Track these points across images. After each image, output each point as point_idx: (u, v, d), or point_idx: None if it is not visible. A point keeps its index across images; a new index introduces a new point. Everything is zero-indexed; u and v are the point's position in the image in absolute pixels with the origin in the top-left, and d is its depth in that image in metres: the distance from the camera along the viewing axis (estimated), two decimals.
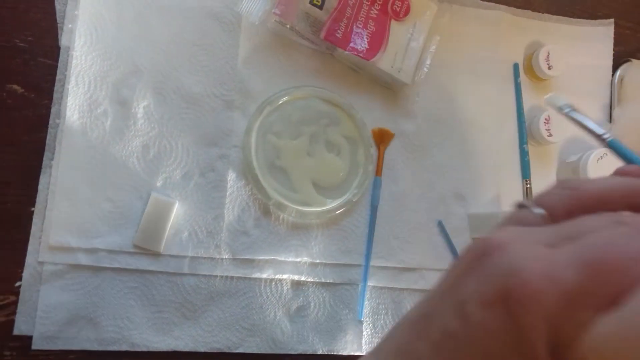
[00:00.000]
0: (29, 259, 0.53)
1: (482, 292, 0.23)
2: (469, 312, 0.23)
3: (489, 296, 0.22)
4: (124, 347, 0.54)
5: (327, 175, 0.61)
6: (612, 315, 0.20)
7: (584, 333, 0.21)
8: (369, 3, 0.60)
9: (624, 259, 0.21)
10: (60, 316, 0.53)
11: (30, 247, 0.53)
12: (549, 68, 0.67)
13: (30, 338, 0.52)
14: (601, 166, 0.63)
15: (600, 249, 0.22)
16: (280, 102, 0.60)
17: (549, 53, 0.67)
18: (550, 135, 0.66)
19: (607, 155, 0.63)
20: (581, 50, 0.71)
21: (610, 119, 0.70)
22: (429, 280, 0.62)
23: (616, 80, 0.71)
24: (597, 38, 0.72)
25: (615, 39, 0.73)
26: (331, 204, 0.60)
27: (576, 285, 0.21)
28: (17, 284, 0.53)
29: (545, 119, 0.66)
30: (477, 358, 0.23)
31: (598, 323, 0.21)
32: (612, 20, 0.73)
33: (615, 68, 0.72)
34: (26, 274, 0.53)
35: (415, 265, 0.62)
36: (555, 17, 0.71)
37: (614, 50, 0.72)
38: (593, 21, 0.72)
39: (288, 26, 0.59)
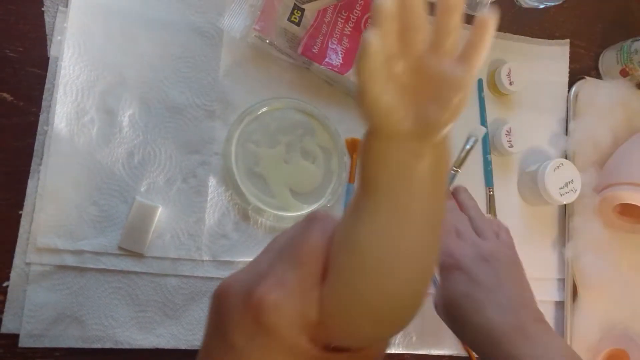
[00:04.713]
0: (17, 260, 0.55)
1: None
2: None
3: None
4: (108, 345, 0.56)
5: (303, 182, 0.64)
6: (325, 285, 0.28)
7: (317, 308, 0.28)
8: (343, 21, 0.64)
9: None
10: (47, 315, 0.55)
11: (18, 249, 0.55)
12: (511, 84, 0.70)
13: (17, 336, 0.54)
14: (557, 175, 0.67)
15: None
16: (259, 113, 0.63)
17: (510, 70, 0.70)
18: (512, 146, 0.69)
19: (562, 165, 0.68)
20: (540, 67, 0.76)
21: (567, 132, 0.75)
22: None
23: (572, 96, 0.75)
24: (554, 56, 0.77)
25: (570, 57, 0.77)
26: (307, 209, 0.63)
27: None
28: (5, 284, 0.55)
29: (507, 131, 0.69)
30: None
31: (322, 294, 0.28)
32: (568, 40, 0.77)
33: (570, 84, 0.76)
34: (14, 274, 0.55)
35: None
36: (516, 36, 0.75)
37: (569, 67, 0.77)
38: (550, 41, 0.77)
39: (267, 41, 0.62)
